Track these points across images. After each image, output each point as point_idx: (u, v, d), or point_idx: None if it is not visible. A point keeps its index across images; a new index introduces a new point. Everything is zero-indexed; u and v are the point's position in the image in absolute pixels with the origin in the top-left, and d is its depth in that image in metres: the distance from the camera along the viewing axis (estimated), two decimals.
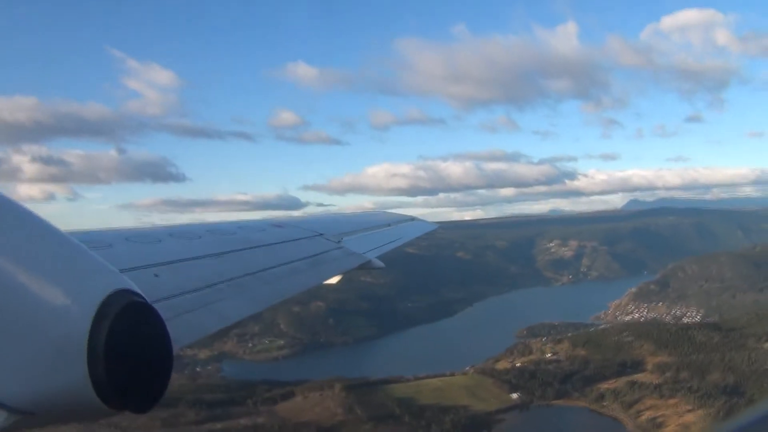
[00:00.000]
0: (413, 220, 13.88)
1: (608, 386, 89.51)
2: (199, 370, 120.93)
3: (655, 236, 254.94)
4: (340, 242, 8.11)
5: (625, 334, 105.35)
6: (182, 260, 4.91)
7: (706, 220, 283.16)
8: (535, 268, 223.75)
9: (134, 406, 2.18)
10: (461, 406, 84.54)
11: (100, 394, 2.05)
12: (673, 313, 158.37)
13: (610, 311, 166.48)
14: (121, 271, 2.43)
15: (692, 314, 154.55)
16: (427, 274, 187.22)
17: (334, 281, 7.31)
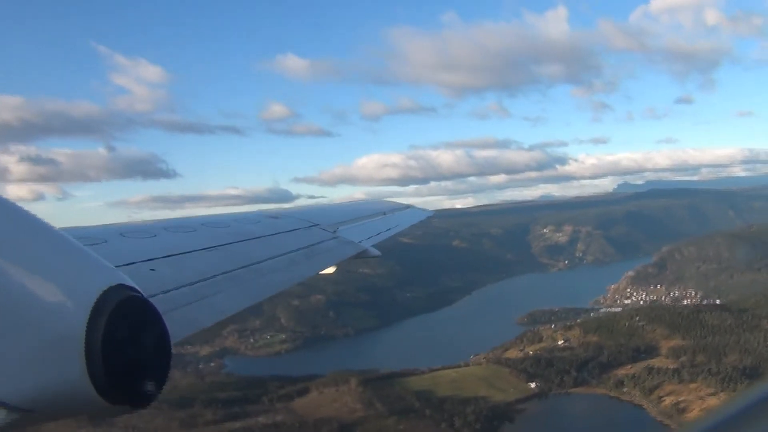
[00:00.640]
0: (408, 208, 13.89)
1: (625, 372, 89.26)
2: (201, 366, 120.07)
3: (647, 219, 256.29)
4: (335, 232, 8.13)
5: (636, 318, 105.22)
6: (178, 254, 4.87)
7: (697, 201, 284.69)
8: (530, 254, 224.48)
9: (133, 401, 2.18)
10: (480, 397, 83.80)
11: (98, 389, 2.05)
12: (672, 295, 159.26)
13: (609, 295, 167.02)
14: (116, 266, 2.40)
15: (691, 296, 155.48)
16: (424, 263, 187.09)
17: (330, 271, 7.26)
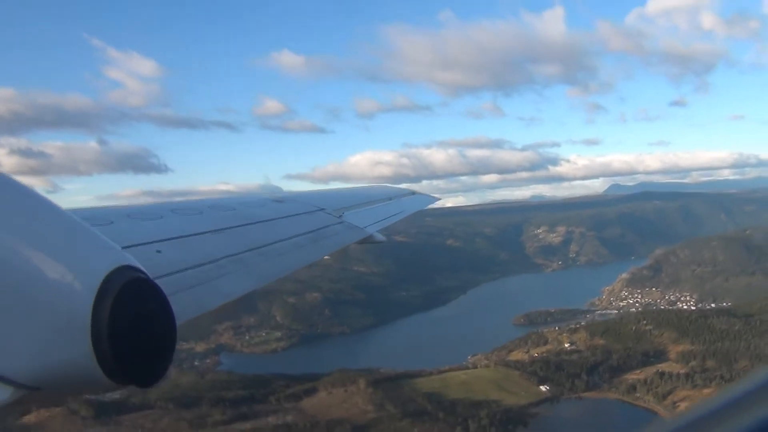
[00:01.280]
0: (414, 194, 13.88)
1: (636, 377, 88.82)
2: (197, 363, 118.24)
3: (640, 221, 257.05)
4: (341, 217, 8.10)
5: (643, 322, 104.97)
6: (184, 236, 4.82)
7: (689, 203, 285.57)
8: (524, 254, 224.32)
9: (139, 380, 2.23)
10: (492, 400, 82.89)
11: (104, 369, 2.09)
12: (667, 298, 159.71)
13: (604, 297, 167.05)
14: (123, 247, 2.44)
15: (687, 299, 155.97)
16: (419, 262, 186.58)
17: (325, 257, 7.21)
